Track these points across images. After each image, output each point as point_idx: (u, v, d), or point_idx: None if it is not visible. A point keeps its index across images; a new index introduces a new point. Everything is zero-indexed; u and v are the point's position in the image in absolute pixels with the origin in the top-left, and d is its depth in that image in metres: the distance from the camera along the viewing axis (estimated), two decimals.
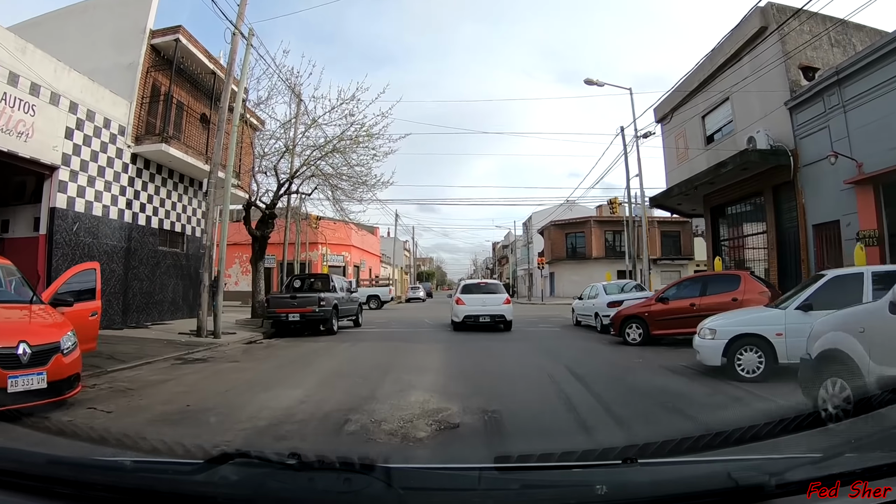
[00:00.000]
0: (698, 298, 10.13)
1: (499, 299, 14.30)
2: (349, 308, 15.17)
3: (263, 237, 15.37)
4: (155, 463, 1.62)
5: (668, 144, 21.67)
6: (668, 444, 1.77)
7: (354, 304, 15.82)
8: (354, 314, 15.80)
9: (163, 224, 14.62)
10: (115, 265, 12.72)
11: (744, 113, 16.33)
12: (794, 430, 2.07)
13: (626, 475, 1.45)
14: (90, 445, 2.04)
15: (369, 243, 45.41)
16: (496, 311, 13.95)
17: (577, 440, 4.19)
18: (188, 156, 14.00)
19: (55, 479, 1.33)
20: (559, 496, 1.31)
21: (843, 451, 1.54)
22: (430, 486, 1.37)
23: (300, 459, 1.32)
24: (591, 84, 18.25)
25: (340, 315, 14.24)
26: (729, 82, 16.72)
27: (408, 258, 75.97)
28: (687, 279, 10.95)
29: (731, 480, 1.23)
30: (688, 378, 7.01)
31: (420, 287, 44.67)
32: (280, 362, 8.68)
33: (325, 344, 11.16)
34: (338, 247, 38.34)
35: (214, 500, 1.27)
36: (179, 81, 14.68)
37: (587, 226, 39.10)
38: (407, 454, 3.97)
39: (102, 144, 12.53)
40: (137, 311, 13.49)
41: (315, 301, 12.73)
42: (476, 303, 14.08)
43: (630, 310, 10.89)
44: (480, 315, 13.87)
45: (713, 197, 18.12)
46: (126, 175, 13.25)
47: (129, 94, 13.47)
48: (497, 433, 4.42)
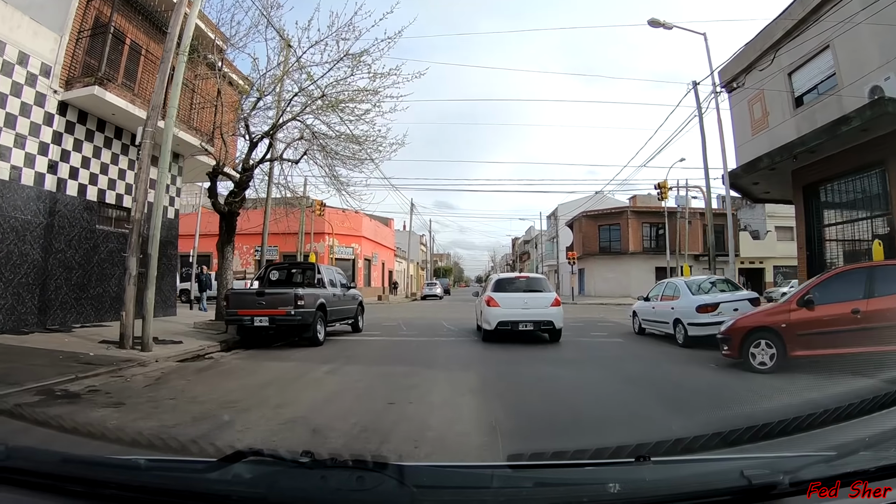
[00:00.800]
0: (864, 301, 6.52)
1: (545, 300, 10.68)
2: (344, 309, 11.79)
3: (231, 213, 12.03)
4: (168, 461, 1.62)
5: (738, 114, 17.89)
6: (681, 442, 1.76)
7: (353, 304, 12.43)
8: (353, 316, 12.42)
9: (104, 197, 11.34)
10: (29, 247, 9.48)
11: (854, 61, 12.49)
12: (808, 428, 1.96)
13: (638, 473, 1.40)
14: (104, 444, 2.03)
15: (383, 235, 42.09)
16: (542, 316, 10.41)
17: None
18: (135, 106, 10.71)
19: (68, 478, 1.33)
20: (572, 494, 1.30)
21: (858, 448, 1.52)
22: (443, 484, 1.37)
23: (313, 458, 1.32)
24: (657, 26, 14.54)
25: (332, 318, 10.85)
26: (828, 25, 12.94)
27: (424, 253, 72.67)
28: (836, 273, 7.34)
29: (744, 479, 1.22)
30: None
31: (437, 283, 41.11)
32: (193, 411, 4.88)
33: (295, 365, 7.69)
34: (347, 238, 35.10)
35: (228, 498, 1.26)
36: (131, 15, 11.43)
37: (623, 217, 35.05)
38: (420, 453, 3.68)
39: (14, 86, 9.31)
40: (63, 309, 10.24)
41: (290, 300, 9.29)
42: (514, 304, 10.54)
43: (756, 319, 7.22)
44: (521, 321, 10.36)
45: (807, 172, 14.24)
46: (50, 129, 10.01)
47: (60, 26, 10.25)
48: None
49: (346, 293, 12.08)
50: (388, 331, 13.40)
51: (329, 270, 11.71)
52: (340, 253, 34.38)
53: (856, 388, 4.45)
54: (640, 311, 12.46)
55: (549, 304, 10.56)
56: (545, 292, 10.97)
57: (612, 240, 35.25)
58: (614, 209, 36.09)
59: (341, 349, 9.65)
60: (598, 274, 35.99)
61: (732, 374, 7.05)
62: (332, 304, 10.79)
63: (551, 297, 10.82)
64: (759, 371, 6.82)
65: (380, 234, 41.34)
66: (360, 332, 12.63)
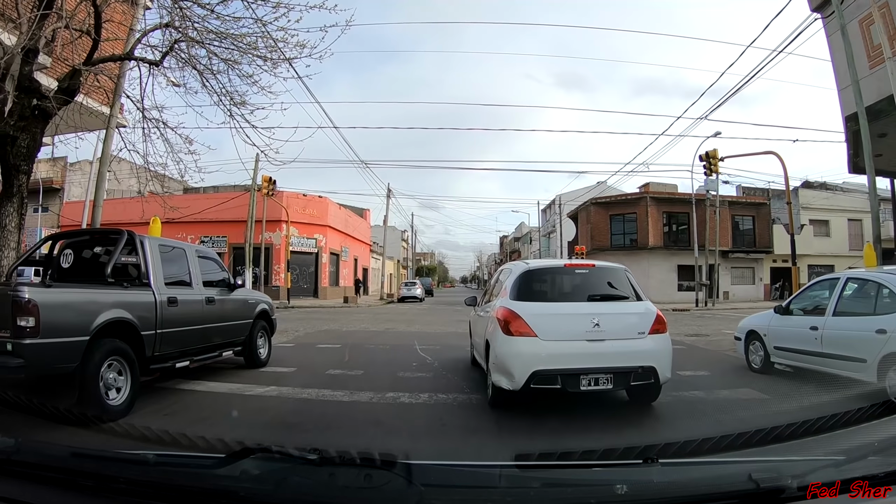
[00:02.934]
0: None
1: (636, 316, 4.87)
2: (220, 328, 6.02)
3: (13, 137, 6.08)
4: (177, 457, 1.64)
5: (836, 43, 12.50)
6: (690, 444, 1.75)
7: (243, 317, 6.62)
8: (242, 339, 6.63)
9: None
10: None
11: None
12: (817, 432, 1.95)
13: (646, 475, 1.41)
14: (113, 438, 2.09)
15: (355, 226, 36.14)
16: (631, 359, 4.59)
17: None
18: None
19: (78, 472, 1.33)
20: (579, 495, 1.30)
21: (867, 453, 1.50)
22: (451, 482, 1.36)
23: (321, 455, 1.31)
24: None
25: (180, 349, 5.15)
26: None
27: (406, 250, 66.73)
28: None
29: (752, 482, 1.21)
30: None
31: (417, 283, 35.02)
32: None
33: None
34: (309, 227, 29.16)
35: (236, 493, 1.26)
36: None
37: (641, 205, 29.29)
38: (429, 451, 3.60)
39: None
40: None
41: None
42: (569, 329, 4.65)
43: None
44: (584, 370, 4.48)
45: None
46: None
47: None
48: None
49: (226, 297, 6.28)
50: (318, 363, 7.55)
51: (175, 251, 5.75)
52: (300, 245, 28.43)
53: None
54: (776, 332, 6.79)
55: (647, 329, 4.74)
56: (632, 300, 5.07)
57: (627, 232, 29.64)
58: (630, 195, 30.47)
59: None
60: None
61: None
62: (176, 321, 5.03)
63: (649, 311, 4.92)
64: None
65: (352, 224, 35.38)
66: (260, 367, 6.88)
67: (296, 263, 27.96)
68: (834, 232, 34.35)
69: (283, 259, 26.96)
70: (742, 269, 31.98)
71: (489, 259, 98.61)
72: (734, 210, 31.16)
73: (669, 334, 4.98)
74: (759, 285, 32.39)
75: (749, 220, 32.10)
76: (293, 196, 28.49)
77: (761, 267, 32.44)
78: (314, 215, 29.46)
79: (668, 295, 28.50)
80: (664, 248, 28.95)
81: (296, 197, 28.67)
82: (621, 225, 29.76)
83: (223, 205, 28.56)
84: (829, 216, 34.17)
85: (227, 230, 28.70)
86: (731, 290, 30.62)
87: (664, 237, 29.28)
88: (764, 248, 31.63)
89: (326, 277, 30.05)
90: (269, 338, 7.37)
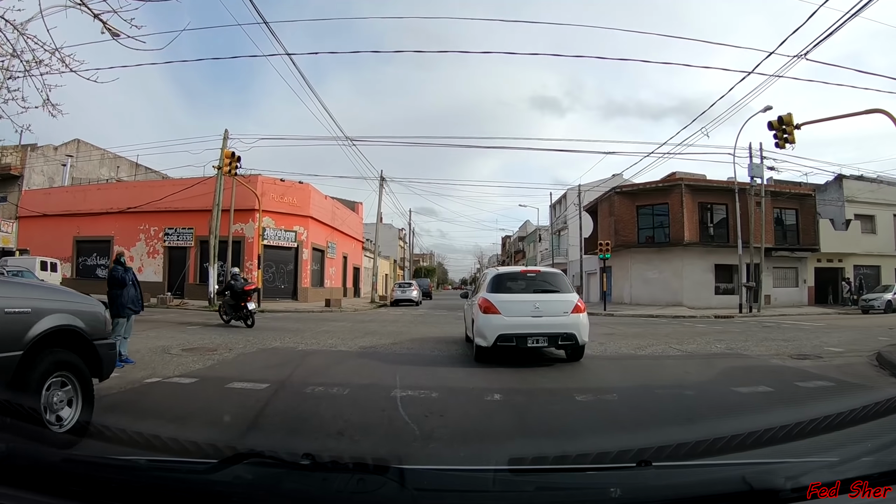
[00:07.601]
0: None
1: (563, 303, 7.82)
2: None
3: None
4: (169, 462, 1.62)
5: None
6: (684, 446, 1.75)
7: None
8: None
9: None
10: None
11: None
12: (811, 434, 1.97)
13: (640, 478, 1.40)
14: (104, 444, 2.10)
15: (343, 219, 32.33)
16: (560, 327, 7.57)
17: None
18: None
19: (70, 477, 1.32)
20: (573, 498, 1.31)
21: (860, 455, 1.50)
22: (444, 487, 1.35)
23: (314, 460, 1.31)
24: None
25: None
26: None
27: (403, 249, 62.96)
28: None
29: (746, 484, 1.21)
30: None
31: (413, 284, 31.14)
32: None
33: None
34: (287, 217, 25.37)
35: (230, 499, 1.26)
36: None
37: (674, 193, 25.25)
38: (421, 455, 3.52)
39: None
40: None
41: None
42: (520, 310, 7.66)
43: None
44: (530, 334, 7.46)
45: None
46: None
47: None
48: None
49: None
50: (200, 432, 3.88)
51: None
52: (276, 238, 24.63)
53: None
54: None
55: (569, 310, 7.72)
56: (563, 293, 8.12)
57: (657, 226, 25.77)
58: (662, 183, 26.54)
59: None
60: (637, 273, 26.49)
61: None
62: None
63: (572, 298, 7.97)
64: None
65: (339, 217, 31.58)
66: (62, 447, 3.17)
67: (271, 260, 24.19)
68: (880, 228, 30.59)
69: (255, 254, 23.17)
70: (784, 270, 28.21)
71: (490, 260, 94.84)
72: (776, 202, 27.40)
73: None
74: (802, 288, 28.64)
75: (792, 213, 28.32)
76: (269, 181, 24.71)
77: (805, 267, 28.68)
78: (294, 204, 25.68)
79: (704, 299, 24.68)
80: (700, 244, 25.14)
81: (272, 182, 24.89)
82: (650, 218, 25.86)
83: (188, 191, 24.75)
84: (875, 210, 30.41)
85: (194, 220, 24.91)
86: (773, 294, 26.85)
87: (699, 232, 25.46)
88: (809, 245, 27.90)
89: (308, 277, 26.23)
90: (84, 388, 3.59)
